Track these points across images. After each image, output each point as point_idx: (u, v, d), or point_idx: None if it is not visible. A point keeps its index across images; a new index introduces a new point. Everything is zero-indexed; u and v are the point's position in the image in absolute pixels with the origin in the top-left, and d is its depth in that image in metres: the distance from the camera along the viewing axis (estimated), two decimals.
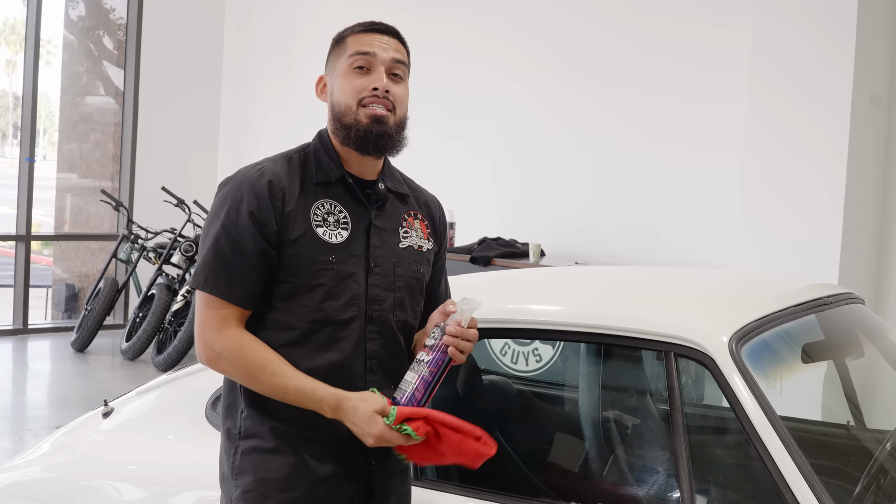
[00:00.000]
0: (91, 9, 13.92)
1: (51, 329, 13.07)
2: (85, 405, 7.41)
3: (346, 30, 3.09)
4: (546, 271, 4.88)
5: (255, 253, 2.88)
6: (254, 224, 2.87)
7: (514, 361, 5.02)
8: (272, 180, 2.92)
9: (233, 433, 3.00)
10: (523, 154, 10.24)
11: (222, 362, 2.90)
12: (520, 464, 4.02)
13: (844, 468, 3.74)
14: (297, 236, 2.90)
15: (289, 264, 2.90)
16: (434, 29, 10.95)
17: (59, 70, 14.33)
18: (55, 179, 14.52)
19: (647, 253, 9.05)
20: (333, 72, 3.05)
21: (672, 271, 5.12)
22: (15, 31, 45.90)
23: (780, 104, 7.50)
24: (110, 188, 13.25)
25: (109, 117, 13.87)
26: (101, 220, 13.75)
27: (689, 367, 3.51)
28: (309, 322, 2.92)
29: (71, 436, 4.46)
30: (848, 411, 4.29)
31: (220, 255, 2.89)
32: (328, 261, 2.92)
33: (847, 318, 4.24)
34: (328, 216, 2.96)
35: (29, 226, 12.67)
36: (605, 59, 9.56)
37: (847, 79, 7.21)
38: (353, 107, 2.98)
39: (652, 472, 3.92)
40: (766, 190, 7.58)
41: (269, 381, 2.86)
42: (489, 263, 9.06)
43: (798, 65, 7.41)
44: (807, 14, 7.37)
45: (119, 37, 13.69)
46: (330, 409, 2.84)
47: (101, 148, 13.98)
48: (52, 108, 14.85)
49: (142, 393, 4.47)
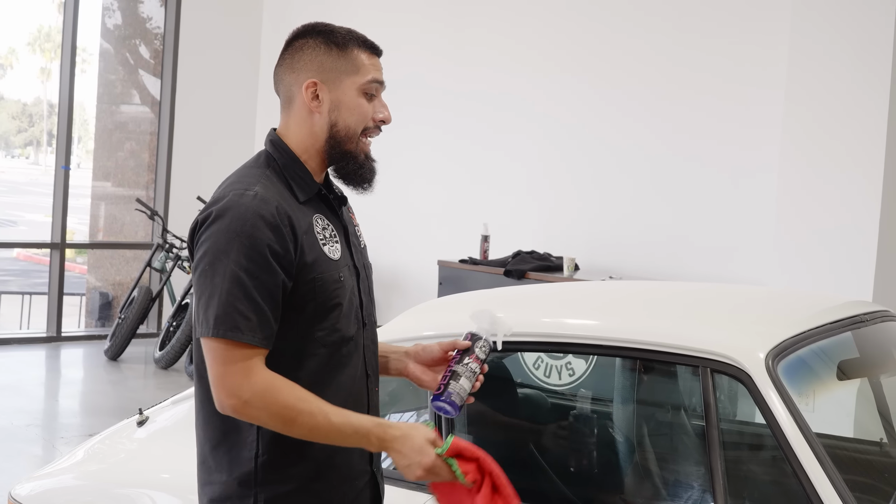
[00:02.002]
0: (128, 17, 14.00)
1: (84, 337, 13.09)
2: (117, 413, 7.45)
3: (347, 38, 2.92)
4: (581, 285, 4.89)
5: (278, 288, 2.68)
6: (273, 256, 2.67)
7: (547, 375, 5.02)
8: (278, 206, 2.72)
9: (246, 480, 2.79)
10: (557, 166, 10.23)
11: (252, 409, 2.65)
12: (553, 477, 4.02)
13: (878, 485, 3.73)
14: (313, 259, 2.76)
15: (307, 290, 2.75)
16: (469, 39, 10.98)
17: (95, 78, 14.42)
18: (90, 188, 14.60)
19: (679, 268, 9.03)
20: (338, 86, 2.87)
21: (706, 287, 5.12)
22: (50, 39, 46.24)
23: (816, 120, 7.48)
24: (145, 197, 13.28)
25: (145, 126, 13.93)
26: (136, 228, 13.80)
27: (723, 383, 3.51)
28: (329, 346, 2.80)
29: (105, 444, 4.49)
30: (881, 428, 4.27)
31: (242, 296, 2.65)
32: (339, 278, 2.81)
33: (882, 335, 4.23)
34: (324, 232, 2.84)
35: (63, 234, 12.72)
36: (639, 74, 9.55)
37: (883, 94, 7.18)
38: (359, 133, 2.88)
39: (687, 488, 3.91)
40: (802, 206, 7.56)
41: (308, 423, 2.64)
42: (523, 277, 9.05)
43: (834, 82, 7.39)
44: (842, 37, 7.36)
45: (155, 46, 13.75)
46: (378, 440, 2.68)
47: (136, 157, 14.04)
48: (87, 116, 14.96)
49: (177, 402, 4.49)
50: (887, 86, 7.17)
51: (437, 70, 11.27)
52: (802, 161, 7.55)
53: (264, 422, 2.67)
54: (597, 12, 9.96)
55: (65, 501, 4.25)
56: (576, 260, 9.34)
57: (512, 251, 9.72)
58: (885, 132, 7.17)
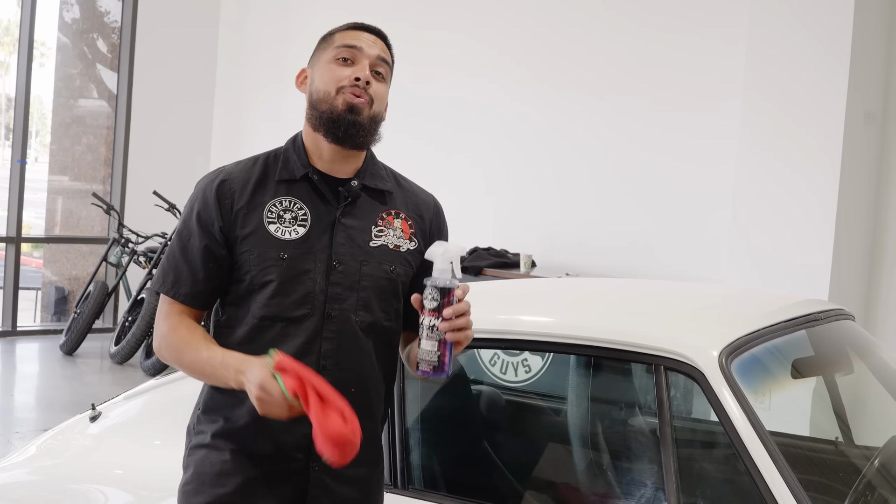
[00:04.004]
0: (85, 11, 13.90)
1: (40, 332, 13.03)
2: (72, 408, 7.39)
3: (335, 28, 3.09)
4: (537, 282, 4.87)
5: (200, 251, 2.93)
6: (198, 223, 2.94)
7: (504, 372, 5.01)
8: (225, 180, 2.97)
9: (189, 429, 3.07)
10: (516, 165, 10.24)
11: (163, 349, 2.96)
12: (507, 475, 4.02)
13: (832, 484, 3.73)
14: (248, 233, 2.91)
15: (241, 262, 2.92)
16: (428, 39, 10.98)
17: (53, 72, 14.30)
18: (46, 182, 14.48)
19: (638, 266, 9.06)
20: (317, 63, 3.05)
21: (663, 285, 5.12)
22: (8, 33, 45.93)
23: (773, 119, 7.51)
24: (102, 191, 13.23)
25: (102, 120, 13.85)
26: (92, 223, 13.73)
27: (678, 381, 3.51)
28: (258, 318, 2.91)
29: (58, 439, 4.45)
30: (837, 427, 4.29)
31: (170, 256, 2.98)
32: (278, 257, 2.89)
33: (837, 334, 4.25)
34: (284, 213, 2.94)
35: (19, 228, 12.66)
36: (599, 71, 9.57)
37: (841, 94, 7.22)
38: (332, 93, 2.95)
39: (639, 486, 3.91)
40: (758, 204, 7.59)
41: (189, 358, 2.90)
42: (480, 273, 9.05)
43: (792, 80, 7.42)
44: (802, 29, 7.38)
45: (113, 40, 13.67)
46: (234, 371, 2.76)
47: (94, 151, 13.96)
48: (45, 110, 14.81)
49: (130, 397, 4.46)
50: (845, 82, 7.20)
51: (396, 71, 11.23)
52: (760, 158, 7.57)
53: (170, 360, 2.97)
54: (556, 9, 9.96)
55: (18, 496, 4.22)
56: (533, 257, 9.35)
57: (469, 248, 9.71)
58: (842, 129, 7.21)
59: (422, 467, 3.80)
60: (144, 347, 10.85)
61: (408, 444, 3.61)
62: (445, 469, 3.94)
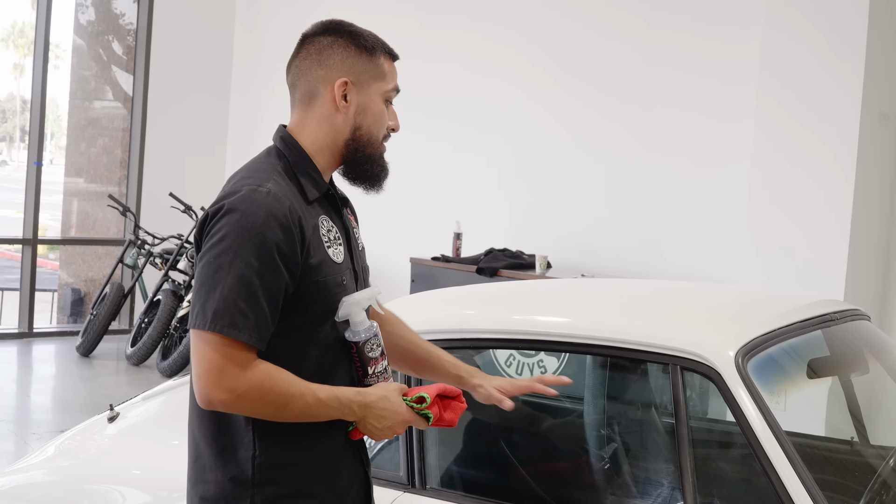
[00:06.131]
0: (101, 13, 13.95)
1: (56, 333, 13.06)
2: (89, 409, 7.43)
3: (375, 43, 2.89)
4: (552, 283, 4.88)
5: (280, 290, 2.64)
6: (280, 257, 2.63)
7: (520, 373, 5.02)
8: (291, 205, 2.68)
9: (242, 480, 2.74)
10: (531, 165, 10.24)
11: (245, 402, 2.61)
12: (524, 475, 4.02)
13: (848, 483, 3.74)
14: (318, 262, 2.72)
15: (308, 292, 2.71)
16: (444, 38, 10.98)
17: (68, 74, 14.36)
18: (62, 184, 14.55)
19: (650, 266, 9.05)
20: (366, 90, 2.85)
21: (678, 285, 5.13)
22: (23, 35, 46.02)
23: (788, 120, 7.49)
24: (117, 193, 13.26)
25: (117, 122, 13.89)
26: (108, 224, 13.76)
27: (694, 381, 3.52)
28: (326, 347, 2.79)
29: (76, 440, 4.47)
30: (852, 427, 4.29)
31: (245, 294, 2.60)
32: (341, 282, 2.79)
33: (853, 334, 4.25)
34: (329, 234, 2.81)
35: (35, 229, 12.69)
36: (613, 72, 9.57)
37: (856, 96, 7.20)
38: (380, 140, 2.88)
39: (656, 485, 3.92)
40: (772, 205, 7.58)
41: (299, 405, 2.64)
42: (495, 274, 9.06)
43: (807, 81, 7.41)
44: (816, 31, 7.37)
45: (128, 42, 13.71)
46: (359, 406, 2.70)
47: (109, 153, 13.99)
48: (61, 112, 14.87)
49: (147, 398, 4.48)
50: (860, 84, 7.19)
51: (410, 71, 11.24)
52: (774, 159, 7.55)
53: (255, 412, 2.65)
54: (570, 10, 9.96)
55: (35, 497, 4.24)
56: (548, 258, 9.35)
57: (484, 249, 9.73)
58: (857, 131, 7.18)
59: (438, 467, 3.81)
60: (161, 348, 10.87)
61: (424, 444, 3.62)
62: (462, 469, 3.95)
